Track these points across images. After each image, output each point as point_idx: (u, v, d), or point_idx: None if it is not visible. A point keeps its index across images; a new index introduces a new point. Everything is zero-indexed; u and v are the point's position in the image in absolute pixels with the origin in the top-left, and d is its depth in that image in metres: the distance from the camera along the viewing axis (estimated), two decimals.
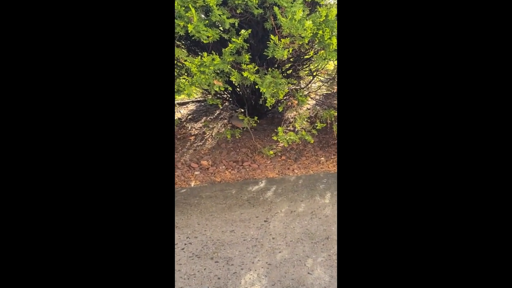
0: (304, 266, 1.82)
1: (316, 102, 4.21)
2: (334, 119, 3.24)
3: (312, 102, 4.25)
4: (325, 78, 4.14)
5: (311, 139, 2.82)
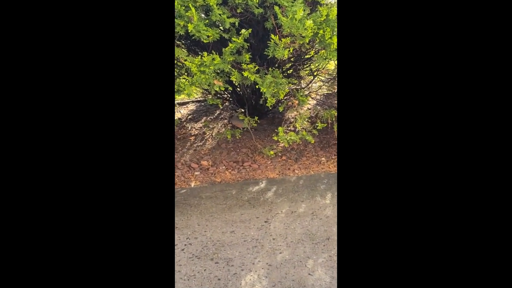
0: (304, 267, 1.81)
1: (317, 102, 4.21)
2: (335, 119, 3.23)
3: (312, 102, 4.24)
4: (326, 78, 4.14)
5: (312, 139, 2.81)
